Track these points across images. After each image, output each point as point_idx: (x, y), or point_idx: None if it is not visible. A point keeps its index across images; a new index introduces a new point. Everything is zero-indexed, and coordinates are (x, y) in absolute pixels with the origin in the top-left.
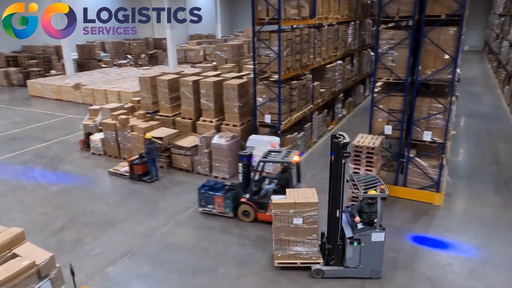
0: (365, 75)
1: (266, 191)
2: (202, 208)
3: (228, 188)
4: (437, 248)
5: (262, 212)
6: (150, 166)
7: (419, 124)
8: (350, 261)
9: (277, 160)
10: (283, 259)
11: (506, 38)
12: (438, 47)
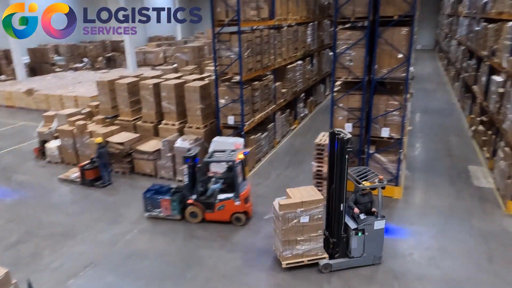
0: (325, 74)
1: (213, 191)
2: (148, 213)
3: (174, 190)
4: (399, 239)
5: (209, 212)
6: (102, 171)
7: (377, 121)
8: (355, 251)
9: (222, 160)
10: (291, 259)
11: (454, 37)
12: (392, 47)
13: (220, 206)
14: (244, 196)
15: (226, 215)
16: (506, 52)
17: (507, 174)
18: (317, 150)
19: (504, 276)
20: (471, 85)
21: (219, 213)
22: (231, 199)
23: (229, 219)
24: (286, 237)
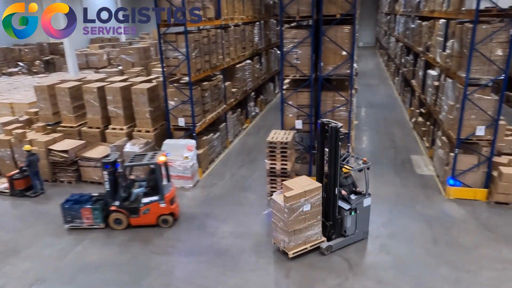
0: (273, 73)
1: (136, 195)
2: (69, 225)
3: (96, 198)
4: None
5: (134, 217)
6: (33, 180)
7: (326, 116)
8: (349, 229)
9: (143, 163)
10: (296, 248)
11: (393, 34)
12: (336, 44)
13: (145, 210)
14: (169, 198)
15: (152, 219)
16: (439, 48)
17: (445, 162)
18: (270, 148)
19: (448, 256)
20: (409, 79)
21: (145, 217)
22: (156, 202)
23: (155, 222)
24: (292, 228)
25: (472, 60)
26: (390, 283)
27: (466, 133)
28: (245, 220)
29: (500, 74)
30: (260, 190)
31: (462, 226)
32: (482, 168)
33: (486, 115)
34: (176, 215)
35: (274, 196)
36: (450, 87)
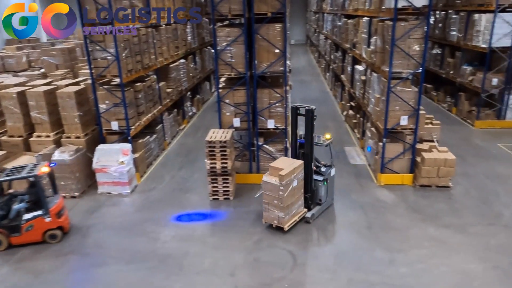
0: (209, 72)
1: (16, 212)
2: None
3: None
4: None
5: (16, 235)
6: None
7: (263, 113)
8: (323, 198)
9: (21, 176)
10: (289, 221)
11: (322, 32)
12: (269, 42)
13: (28, 227)
14: (56, 211)
15: (37, 235)
16: (364, 44)
17: (375, 151)
18: (209, 148)
19: (382, 239)
20: (339, 74)
21: (29, 235)
22: (40, 217)
23: (41, 238)
24: (286, 203)
25: (394, 55)
26: (331, 270)
27: (392, 123)
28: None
29: (418, 68)
30: (201, 190)
31: (393, 210)
32: (407, 155)
33: (408, 106)
34: (66, 229)
35: (265, 178)
36: (376, 81)
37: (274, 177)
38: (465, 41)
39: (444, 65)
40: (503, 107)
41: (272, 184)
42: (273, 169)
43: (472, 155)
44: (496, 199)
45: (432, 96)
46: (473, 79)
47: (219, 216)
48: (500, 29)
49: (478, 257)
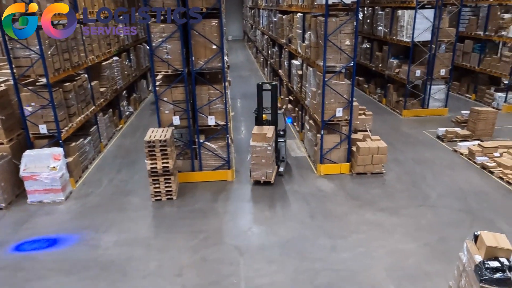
0: (145, 69)
1: None
2: None
3: None
4: (237, 219)
5: None
6: None
7: (203, 110)
8: (284, 155)
9: None
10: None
11: (258, 27)
12: (205, 38)
13: None
14: None
15: None
16: (299, 39)
17: (314, 143)
18: (148, 148)
19: (324, 227)
20: (277, 69)
21: None
22: None
23: None
24: (271, 160)
25: (327, 50)
26: (277, 261)
27: (328, 116)
28: (131, 226)
29: (350, 62)
30: (143, 192)
31: (333, 199)
32: (344, 145)
33: (343, 98)
34: None
35: (252, 143)
36: (312, 75)
37: (260, 141)
38: (391, 35)
39: (373, 58)
40: (426, 96)
41: (260, 147)
42: (257, 135)
43: (401, 142)
44: (423, 182)
45: (364, 88)
46: (399, 71)
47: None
48: (420, 24)
49: (410, 237)
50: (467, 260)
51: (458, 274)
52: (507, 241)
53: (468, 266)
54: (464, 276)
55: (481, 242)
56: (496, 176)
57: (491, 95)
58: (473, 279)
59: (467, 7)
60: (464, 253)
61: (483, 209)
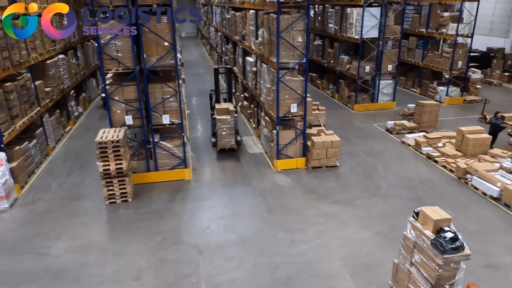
0: (94, 67)
1: None
2: None
3: None
4: (195, 218)
5: None
6: None
7: (157, 109)
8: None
9: None
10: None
11: (212, 24)
12: (157, 35)
13: None
14: None
15: None
16: (253, 36)
17: (270, 139)
18: (100, 149)
19: (282, 222)
20: (232, 66)
21: None
22: None
23: None
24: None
25: (280, 47)
26: (236, 258)
27: (283, 111)
28: (84, 231)
29: (303, 58)
30: (96, 195)
31: (290, 193)
32: (299, 140)
33: (297, 94)
34: None
35: (218, 117)
36: (266, 72)
37: (224, 114)
38: (341, 32)
39: (325, 55)
40: (375, 91)
41: (224, 119)
42: (221, 110)
43: (354, 136)
44: (375, 173)
45: (317, 84)
46: (350, 67)
47: None
48: (368, 21)
49: (364, 226)
50: (416, 237)
51: (407, 251)
52: (443, 211)
53: (422, 242)
54: (417, 252)
55: (425, 218)
56: (440, 165)
57: (434, 89)
58: (434, 253)
59: (410, 6)
60: (410, 231)
61: (430, 197)
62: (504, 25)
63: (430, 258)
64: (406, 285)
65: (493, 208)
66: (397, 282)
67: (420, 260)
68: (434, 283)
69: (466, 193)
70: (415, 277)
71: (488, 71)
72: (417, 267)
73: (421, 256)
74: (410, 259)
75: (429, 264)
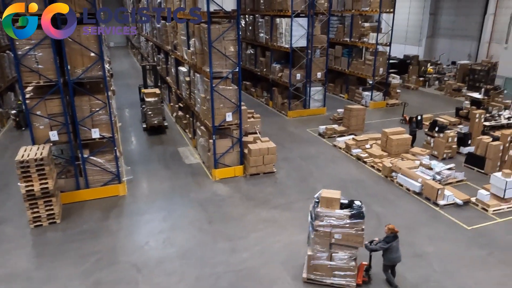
0: (11, 80)
1: None
2: None
3: None
4: (132, 234)
5: None
6: None
7: (85, 123)
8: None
9: None
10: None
11: (142, 34)
12: (82, 45)
13: None
14: None
15: None
16: (184, 46)
17: (207, 148)
18: (21, 169)
19: (223, 231)
20: (165, 76)
21: None
22: None
23: None
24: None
25: (212, 56)
26: (177, 272)
27: (218, 121)
28: (6, 260)
29: (235, 67)
30: (19, 219)
31: (230, 201)
32: (236, 148)
33: (231, 103)
34: None
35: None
36: (199, 81)
37: (152, 97)
38: (272, 42)
39: (258, 63)
40: (307, 98)
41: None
42: (149, 94)
43: (289, 141)
44: (310, 176)
45: (251, 92)
46: (282, 75)
47: None
48: (297, 31)
49: (302, 229)
50: (331, 220)
51: (324, 237)
52: (331, 190)
53: (339, 221)
54: (336, 232)
55: (328, 201)
56: (368, 165)
57: (360, 94)
58: (355, 223)
59: (334, 16)
60: (322, 220)
61: (361, 195)
62: (417, 34)
63: (352, 229)
64: (327, 267)
65: (417, 202)
66: (316, 271)
67: (342, 237)
68: (361, 246)
69: (392, 190)
70: (336, 255)
71: (406, 76)
72: (338, 244)
73: (342, 232)
74: (330, 240)
75: (352, 234)
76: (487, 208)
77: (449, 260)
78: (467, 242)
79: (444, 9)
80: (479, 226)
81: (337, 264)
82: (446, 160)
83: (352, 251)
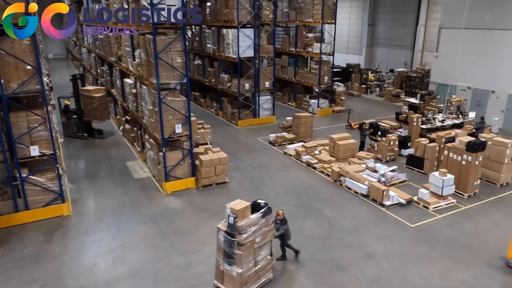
0: None
1: None
2: None
3: None
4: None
5: None
6: None
7: (22, 140)
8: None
9: None
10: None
11: (83, 45)
12: (16, 58)
13: None
14: None
15: None
16: (129, 57)
17: (157, 161)
18: None
19: (177, 246)
20: (110, 89)
21: None
22: None
23: None
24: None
25: (159, 68)
26: None
27: (168, 133)
28: None
29: (183, 78)
30: None
31: (183, 215)
32: (187, 160)
33: (180, 114)
34: None
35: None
36: (147, 93)
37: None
38: (219, 52)
39: (206, 74)
40: (256, 107)
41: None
42: (87, 91)
43: (240, 151)
44: (263, 185)
45: (201, 103)
46: (231, 85)
47: None
48: (243, 42)
49: None
50: (253, 227)
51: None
52: (238, 200)
53: (260, 225)
54: (258, 236)
55: (242, 211)
56: (318, 171)
57: (307, 102)
58: (269, 222)
59: (280, 27)
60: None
61: (312, 201)
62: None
63: (267, 226)
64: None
65: (364, 204)
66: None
67: (261, 238)
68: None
69: (342, 194)
70: (259, 258)
71: (349, 84)
72: (259, 247)
73: (261, 233)
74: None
75: (268, 230)
76: (428, 206)
77: (396, 258)
78: (412, 239)
79: (381, 21)
80: (422, 223)
81: (260, 265)
82: (389, 162)
83: (268, 245)
